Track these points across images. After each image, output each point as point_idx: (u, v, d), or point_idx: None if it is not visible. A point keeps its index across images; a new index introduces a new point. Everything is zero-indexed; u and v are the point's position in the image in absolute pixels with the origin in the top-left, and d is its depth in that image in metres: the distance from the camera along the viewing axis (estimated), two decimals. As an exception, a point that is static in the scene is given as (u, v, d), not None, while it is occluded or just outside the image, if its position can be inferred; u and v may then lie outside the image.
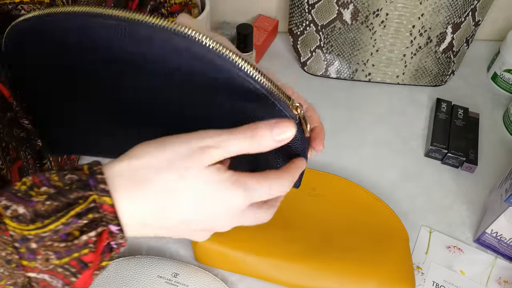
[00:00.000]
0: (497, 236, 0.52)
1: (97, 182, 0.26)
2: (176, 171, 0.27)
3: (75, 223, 0.26)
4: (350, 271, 0.48)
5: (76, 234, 0.26)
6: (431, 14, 0.62)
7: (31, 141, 0.46)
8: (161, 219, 0.28)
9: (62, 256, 0.25)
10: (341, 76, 0.70)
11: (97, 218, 0.26)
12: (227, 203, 0.28)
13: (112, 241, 0.27)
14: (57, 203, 0.25)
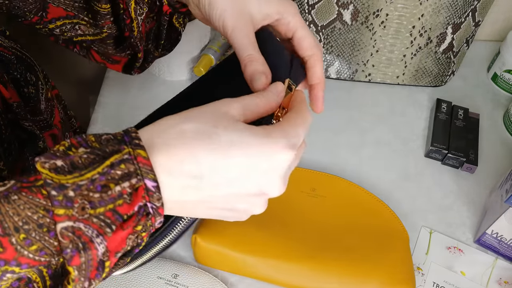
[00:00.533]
0: (498, 237, 0.52)
1: (132, 138, 0.27)
2: (207, 123, 0.27)
3: (110, 173, 0.25)
4: (350, 271, 0.48)
5: (111, 186, 0.26)
6: (431, 14, 0.62)
7: (33, 143, 0.46)
8: (200, 175, 0.27)
9: (97, 206, 0.25)
10: (341, 77, 0.70)
11: (132, 171, 0.26)
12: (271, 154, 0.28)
13: (148, 202, 0.26)
14: (93, 156, 0.26)
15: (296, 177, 0.57)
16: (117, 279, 0.48)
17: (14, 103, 0.41)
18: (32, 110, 0.45)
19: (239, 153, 0.27)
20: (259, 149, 0.27)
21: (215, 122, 0.27)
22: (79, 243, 0.25)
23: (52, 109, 0.49)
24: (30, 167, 0.45)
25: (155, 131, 0.27)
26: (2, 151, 0.39)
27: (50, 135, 0.49)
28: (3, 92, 0.40)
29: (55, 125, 0.49)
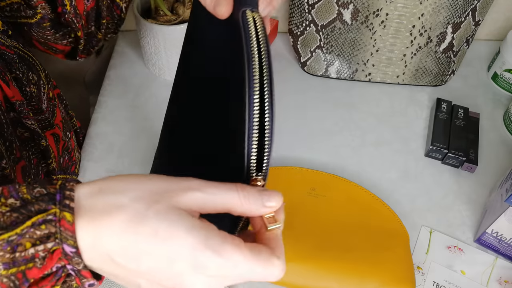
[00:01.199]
0: (498, 236, 0.52)
1: (64, 198, 0.25)
2: (143, 202, 0.25)
3: (28, 232, 0.24)
4: (350, 271, 0.48)
5: (27, 246, 0.24)
6: (431, 14, 0.62)
7: (35, 141, 0.46)
8: (114, 257, 0.25)
9: (10, 267, 0.24)
10: (341, 76, 0.70)
11: (51, 233, 0.24)
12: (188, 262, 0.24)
13: (67, 264, 0.25)
14: (17, 214, 0.24)
15: (296, 176, 0.57)
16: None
17: (17, 101, 0.41)
18: (34, 109, 0.45)
19: (158, 246, 0.24)
20: (180, 251, 0.24)
21: (152, 203, 0.25)
22: None
23: (53, 109, 0.49)
24: (31, 166, 0.45)
25: (93, 193, 0.25)
26: (4, 150, 0.40)
27: (51, 134, 0.49)
28: (6, 91, 0.40)
29: (57, 124, 0.49)
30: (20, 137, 0.44)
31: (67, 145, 0.52)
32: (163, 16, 0.65)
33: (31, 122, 0.44)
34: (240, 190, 0.26)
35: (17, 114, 0.43)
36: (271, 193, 0.27)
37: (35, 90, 0.46)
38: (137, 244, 0.24)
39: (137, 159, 0.60)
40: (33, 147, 0.46)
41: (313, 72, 0.70)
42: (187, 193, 0.25)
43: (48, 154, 0.47)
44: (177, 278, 0.25)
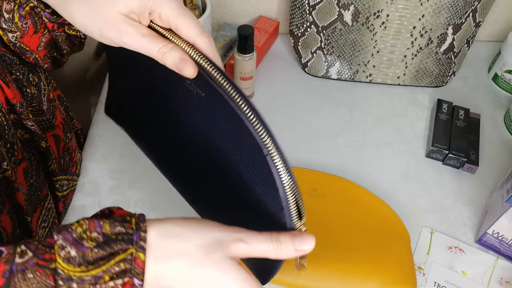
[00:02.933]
0: (499, 237, 0.52)
1: (139, 239, 0.29)
2: (203, 250, 0.30)
3: (109, 270, 0.29)
4: (351, 271, 0.48)
5: (106, 279, 0.29)
6: (431, 15, 0.62)
7: (35, 143, 0.46)
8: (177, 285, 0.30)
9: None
10: (342, 77, 0.70)
11: (127, 269, 0.29)
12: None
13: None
14: (102, 251, 0.29)
15: (297, 177, 0.57)
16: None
17: (17, 103, 0.42)
18: (35, 110, 0.46)
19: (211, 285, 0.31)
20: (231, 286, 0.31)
21: (209, 251, 0.30)
22: None
23: (54, 110, 0.49)
24: (32, 167, 0.45)
25: (163, 236, 0.30)
26: (5, 152, 0.40)
27: (52, 135, 0.49)
28: (6, 92, 0.40)
29: (57, 125, 0.49)
30: (21, 139, 0.44)
31: (67, 146, 0.52)
32: (164, 17, 0.65)
33: (31, 123, 0.44)
34: (274, 240, 0.32)
35: (17, 116, 0.43)
36: (303, 238, 0.32)
37: (36, 91, 0.46)
38: (194, 281, 0.30)
39: (138, 159, 0.60)
40: (33, 149, 0.46)
41: (314, 73, 0.70)
42: (237, 245, 0.31)
43: (48, 155, 0.47)
44: None
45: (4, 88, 0.40)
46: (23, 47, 0.43)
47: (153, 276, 0.30)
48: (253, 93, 0.68)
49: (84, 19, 0.35)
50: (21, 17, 0.40)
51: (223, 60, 0.70)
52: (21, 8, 0.40)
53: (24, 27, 0.41)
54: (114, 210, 0.32)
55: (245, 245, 0.31)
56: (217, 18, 0.76)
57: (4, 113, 0.40)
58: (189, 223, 0.31)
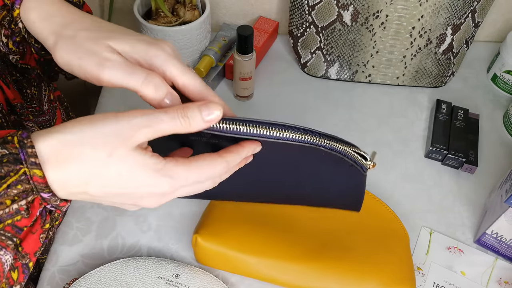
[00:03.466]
0: (498, 237, 0.52)
1: (28, 156, 0.28)
2: (103, 150, 0.28)
3: (7, 193, 0.28)
4: (350, 272, 0.48)
5: (7, 203, 0.28)
6: (431, 15, 0.62)
7: None
8: (88, 191, 0.30)
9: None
10: (341, 78, 0.70)
11: (27, 189, 0.28)
12: (151, 188, 0.30)
13: (47, 205, 0.30)
14: None
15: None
16: (118, 280, 0.48)
17: (18, 104, 0.42)
18: (35, 111, 0.46)
19: (124, 186, 0.30)
20: (142, 183, 0.30)
21: (112, 150, 0.29)
22: None
23: (54, 111, 0.49)
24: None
25: (53, 147, 0.28)
26: None
27: None
28: (7, 93, 0.40)
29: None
30: None
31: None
32: (163, 18, 0.65)
33: (31, 124, 0.44)
34: (181, 116, 0.30)
35: (18, 117, 0.43)
36: (209, 107, 0.30)
37: (36, 92, 0.46)
38: (105, 185, 0.29)
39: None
40: None
41: (313, 74, 0.70)
42: (140, 132, 0.29)
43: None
44: (137, 201, 0.31)
45: (4, 89, 0.40)
46: (25, 67, 0.43)
47: (61, 185, 0.29)
48: (252, 93, 0.68)
49: (66, 51, 0.33)
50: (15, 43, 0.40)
51: (223, 61, 0.70)
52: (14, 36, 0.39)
53: (22, 50, 0.41)
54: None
55: (149, 129, 0.29)
56: (216, 18, 0.76)
57: (4, 114, 0.40)
58: (79, 125, 0.29)
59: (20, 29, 0.38)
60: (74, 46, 0.33)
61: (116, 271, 0.49)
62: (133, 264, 0.49)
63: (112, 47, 0.32)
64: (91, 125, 0.29)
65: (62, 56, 0.33)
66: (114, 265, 0.49)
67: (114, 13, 0.76)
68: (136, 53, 0.32)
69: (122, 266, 0.49)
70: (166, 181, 0.30)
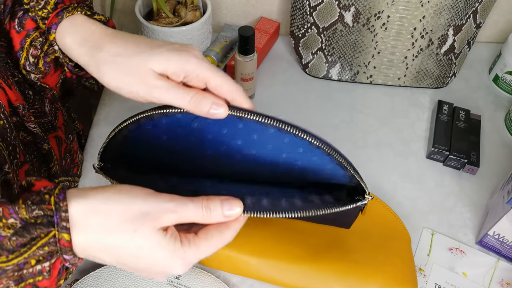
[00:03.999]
0: (499, 238, 0.52)
1: (61, 220, 0.30)
2: (131, 225, 0.31)
3: (34, 254, 0.29)
4: (352, 273, 0.48)
5: (32, 263, 0.29)
6: (432, 16, 0.62)
7: (37, 145, 0.46)
8: (105, 260, 0.32)
9: (19, 282, 0.29)
10: (342, 78, 0.70)
11: (53, 251, 0.30)
12: (166, 268, 0.33)
13: (66, 264, 0.31)
14: (21, 238, 0.29)
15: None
16: (120, 281, 0.48)
17: (20, 105, 0.42)
18: (37, 112, 0.46)
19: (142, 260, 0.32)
20: (158, 262, 0.33)
21: (138, 226, 0.31)
22: None
23: (55, 112, 0.49)
24: (34, 170, 0.45)
25: (85, 212, 0.31)
26: (7, 154, 0.40)
27: (54, 137, 0.49)
28: (9, 95, 0.40)
29: (59, 127, 0.50)
30: (23, 141, 0.44)
31: (69, 147, 0.52)
32: (165, 18, 0.65)
33: (33, 125, 0.44)
34: (204, 207, 0.33)
35: (20, 118, 0.43)
36: (231, 204, 0.33)
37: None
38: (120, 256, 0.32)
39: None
40: (35, 151, 0.46)
41: (315, 74, 0.70)
42: (166, 216, 0.32)
43: (50, 157, 0.47)
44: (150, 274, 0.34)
45: (6, 91, 0.40)
46: (43, 86, 0.45)
47: (82, 249, 0.31)
48: (254, 94, 0.68)
49: (113, 77, 0.37)
50: (45, 63, 0.42)
51: (224, 61, 0.70)
52: (46, 56, 0.42)
53: (47, 69, 0.43)
54: (34, 182, 0.31)
55: (175, 215, 0.32)
56: (218, 19, 0.76)
57: (6, 116, 0.40)
58: (115, 196, 0.32)
59: (55, 51, 0.41)
60: (120, 73, 0.36)
61: (117, 271, 0.49)
62: (135, 265, 0.49)
63: (154, 70, 0.36)
64: (125, 199, 0.32)
65: (110, 82, 0.37)
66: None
67: (115, 14, 0.76)
68: (172, 64, 0.36)
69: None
70: (180, 263, 0.32)
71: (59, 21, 0.40)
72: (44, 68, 0.43)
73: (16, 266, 0.28)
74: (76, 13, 0.40)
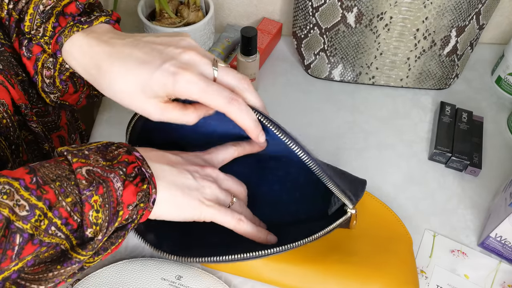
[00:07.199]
0: (502, 240, 0.52)
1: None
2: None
3: (107, 148, 0.36)
4: (353, 274, 0.48)
5: (111, 152, 0.36)
6: (435, 17, 0.62)
7: (39, 144, 0.46)
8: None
9: (106, 159, 0.35)
10: (344, 79, 0.70)
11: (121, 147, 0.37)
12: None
13: (142, 167, 0.36)
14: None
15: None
16: (121, 281, 0.48)
17: (22, 104, 0.42)
18: (41, 111, 0.46)
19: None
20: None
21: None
22: (99, 180, 0.33)
23: (59, 111, 0.49)
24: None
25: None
26: (10, 153, 0.40)
27: (57, 136, 0.49)
28: (12, 94, 0.40)
29: (62, 126, 0.50)
30: (25, 140, 0.44)
31: (71, 147, 0.52)
32: (167, 19, 0.65)
33: (35, 125, 0.44)
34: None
35: (22, 117, 0.43)
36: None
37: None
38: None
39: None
40: (36, 150, 0.46)
41: (317, 75, 0.70)
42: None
43: (50, 157, 0.48)
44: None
45: (9, 89, 0.40)
46: (63, 103, 0.46)
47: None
48: (256, 94, 0.68)
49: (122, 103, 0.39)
50: (62, 81, 0.43)
51: (226, 62, 0.70)
52: (61, 74, 0.43)
53: (65, 87, 0.44)
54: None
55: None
56: (220, 19, 0.76)
57: (9, 115, 0.40)
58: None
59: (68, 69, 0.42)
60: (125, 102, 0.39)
61: (119, 272, 0.49)
62: (136, 265, 0.49)
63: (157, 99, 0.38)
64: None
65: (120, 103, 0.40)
66: (117, 266, 0.49)
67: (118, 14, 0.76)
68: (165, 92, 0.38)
69: (125, 267, 0.49)
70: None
71: (60, 47, 0.40)
72: (61, 86, 0.44)
73: (96, 148, 0.36)
74: (72, 34, 0.40)
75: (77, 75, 0.44)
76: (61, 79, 0.43)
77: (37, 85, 0.43)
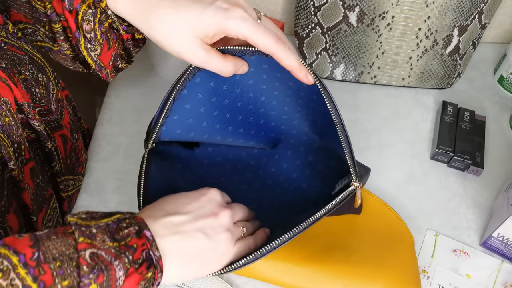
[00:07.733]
0: (504, 240, 0.52)
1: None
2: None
3: (119, 223, 0.34)
4: (355, 274, 0.48)
5: (121, 229, 0.34)
6: (437, 16, 0.62)
7: (41, 143, 0.46)
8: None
9: (113, 240, 0.33)
10: (346, 79, 0.70)
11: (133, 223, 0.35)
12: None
13: (149, 250, 0.34)
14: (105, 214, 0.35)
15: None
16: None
17: (25, 103, 0.42)
18: (43, 110, 0.46)
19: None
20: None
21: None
22: (102, 265, 0.32)
23: (61, 110, 0.49)
24: (38, 167, 0.46)
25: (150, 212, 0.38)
26: (12, 151, 0.40)
27: (60, 135, 0.49)
28: (15, 92, 0.40)
29: (65, 125, 0.50)
30: (27, 138, 0.44)
31: (74, 146, 0.53)
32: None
33: (38, 123, 0.44)
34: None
35: (25, 116, 0.43)
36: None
37: (44, 91, 0.46)
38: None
39: (142, 160, 0.60)
40: (38, 149, 0.46)
41: (319, 74, 0.70)
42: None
43: (52, 157, 0.48)
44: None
45: (12, 88, 0.40)
46: (101, 64, 0.46)
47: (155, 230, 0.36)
48: (258, 94, 0.68)
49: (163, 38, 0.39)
50: (102, 34, 0.44)
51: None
52: (101, 25, 0.43)
53: (102, 43, 0.45)
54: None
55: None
56: (222, 18, 0.76)
57: (12, 113, 0.40)
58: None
59: (108, 16, 0.42)
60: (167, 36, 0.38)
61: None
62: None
63: (202, 40, 0.38)
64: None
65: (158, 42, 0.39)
66: (119, 265, 0.49)
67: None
68: (215, 29, 0.38)
69: (127, 266, 0.49)
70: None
71: None
72: (102, 40, 0.44)
73: (106, 225, 0.34)
74: None
75: (114, 26, 0.44)
76: (101, 31, 0.43)
77: (79, 41, 0.43)
